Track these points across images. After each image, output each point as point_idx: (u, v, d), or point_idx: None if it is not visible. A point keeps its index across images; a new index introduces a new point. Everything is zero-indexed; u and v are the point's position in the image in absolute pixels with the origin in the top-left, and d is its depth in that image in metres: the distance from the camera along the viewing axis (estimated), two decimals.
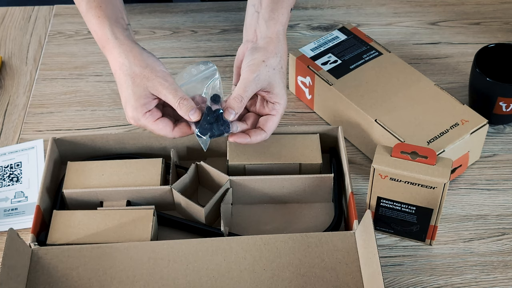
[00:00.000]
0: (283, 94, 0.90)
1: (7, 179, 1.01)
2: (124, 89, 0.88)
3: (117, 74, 0.89)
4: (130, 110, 0.87)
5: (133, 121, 0.89)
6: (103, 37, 0.91)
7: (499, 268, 0.89)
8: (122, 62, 0.88)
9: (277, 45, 0.91)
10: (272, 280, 0.83)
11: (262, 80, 0.88)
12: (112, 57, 0.90)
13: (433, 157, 0.83)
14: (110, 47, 0.90)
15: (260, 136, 0.89)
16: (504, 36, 1.22)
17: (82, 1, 0.93)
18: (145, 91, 0.86)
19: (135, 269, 0.84)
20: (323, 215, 0.95)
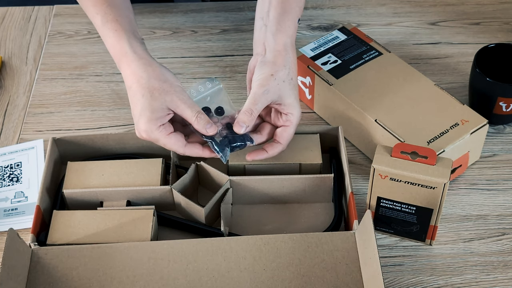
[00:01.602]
0: (296, 104, 0.91)
1: (7, 179, 1.01)
2: (140, 102, 0.87)
3: (134, 87, 0.88)
4: (144, 122, 0.86)
5: (145, 134, 0.87)
6: (120, 50, 0.90)
7: (499, 268, 0.89)
8: (140, 75, 0.88)
9: (285, 57, 0.92)
10: (272, 280, 0.83)
11: (272, 93, 0.89)
12: (129, 70, 0.89)
13: (433, 157, 0.83)
14: (128, 61, 0.90)
15: (278, 149, 0.91)
16: (504, 36, 1.22)
17: (97, 15, 0.93)
18: (162, 105, 0.87)
19: (135, 269, 0.84)
20: (323, 215, 0.95)
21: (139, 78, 0.88)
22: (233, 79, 1.15)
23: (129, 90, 0.89)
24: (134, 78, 0.88)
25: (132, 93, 0.89)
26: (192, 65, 1.19)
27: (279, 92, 0.90)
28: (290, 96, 0.90)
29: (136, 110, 0.88)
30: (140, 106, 0.87)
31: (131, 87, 0.89)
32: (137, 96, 0.87)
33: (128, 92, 0.90)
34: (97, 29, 0.94)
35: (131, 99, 0.89)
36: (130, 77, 0.89)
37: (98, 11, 0.93)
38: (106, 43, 0.93)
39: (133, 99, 0.88)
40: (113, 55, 0.92)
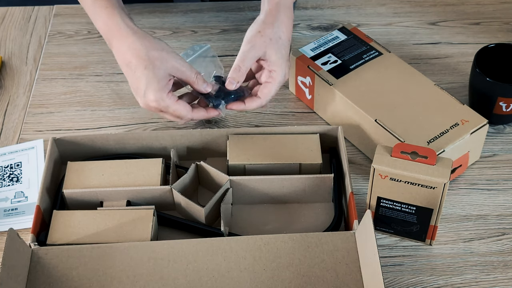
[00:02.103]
0: (280, 63, 0.95)
1: (7, 179, 1.01)
2: (144, 74, 0.90)
3: (134, 61, 0.90)
4: (153, 92, 0.90)
5: (155, 103, 0.91)
6: (114, 27, 0.92)
7: (499, 268, 0.89)
8: (138, 49, 0.90)
9: (276, 16, 0.95)
10: (272, 280, 0.83)
11: (257, 49, 0.94)
12: (126, 46, 0.91)
13: (433, 157, 0.83)
14: (123, 36, 0.92)
15: (255, 103, 0.96)
16: (504, 36, 1.22)
17: None
18: (165, 73, 0.91)
19: (135, 269, 0.84)
20: (323, 215, 0.95)
21: (138, 51, 0.90)
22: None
23: (127, 66, 0.91)
24: (132, 52, 0.91)
25: (132, 68, 0.91)
26: None
27: (264, 48, 0.94)
28: (276, 53, 0.95)
29: (140, 83, 0.90)
30: (145, 79, 0.90)
31: (130, 62, 0.91)
32: (140, 69, 0.90)
33: (126, 68, 0.91)
34: (87, 10, 0.96)
35: (131, 74, 0.91)
36: (128, 52, 0.91)
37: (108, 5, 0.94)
38: (97, 22, 0.95)
39: (134, 73, 0.90)
40: (104, 33, 0.94)
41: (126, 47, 0.91)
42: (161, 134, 0.98)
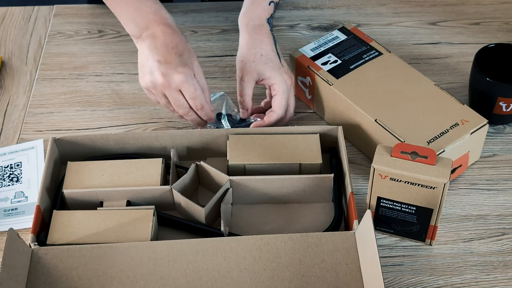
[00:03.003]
0: (274, 74, 1.00)
1: (7, 179, 1.01)
2: (189, 55, 0.95)
3: (180, 45, 0.95)
4: (196, 62, 0.96)
5: (182, 76, 0.93)
6: (161, 19, 0.97)
7: (499, 268, 0.89)
8: (185, 40, 0.97)
9: (248, 39, 1.02)
10: (272, 280, 0.83)
11: (248, 75, 1.00)
12: (175, 36, 0.96)
13: (433, 157, 0.83)
14: (172, 29, 0.97)
15: (272, 117, 1.01)
16: (504, 36, 1.22)
17: None
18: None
19: (135, 269, 0.84)
20: (323, 215, 0.95)
21: (180, 39, 0.96)
22: (233, 79, 1.15)
23: (168, 45, 0.95)
24: (174, 37, 0.96)
25: (176, 47, 0.95)
26: None
27: (254, 71, 1.00)
28: (266, 69, 1.00)
29: (187, 60, 0.95)
30: (192, 60, 0.96)
31: (172, 42, 0.95)
32: (186, 50, 0.96)
33: (167, 46, 0.94)
34: (127, 3, 0.98)
35: (174, 51, 0.94)
36: (171, 35, 0.96)
37: None
38: (141, 13, 0.97)
39: (179, 51, 0.95)
40: (147, 22, 0.97)
41: (170, 33, 0.96)
42: (161, 134, 0.98)
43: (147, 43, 0.96)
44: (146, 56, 0.95)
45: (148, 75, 0.95)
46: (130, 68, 1.18)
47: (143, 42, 0.97)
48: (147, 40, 0.96)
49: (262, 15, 1.03)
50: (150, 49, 0.95)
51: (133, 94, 1.14)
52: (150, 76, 0.94)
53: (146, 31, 0.96)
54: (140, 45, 0.98)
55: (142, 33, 0.97)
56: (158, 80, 0.94)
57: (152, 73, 0.94)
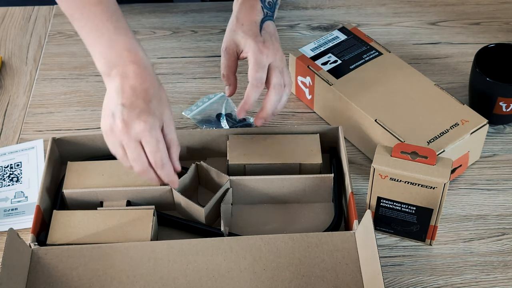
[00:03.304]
0: (245, 41, 0.95)
1: (7, 179, 1.01)
2: (159, 103, 0.84)
3: (150, 90, 0.84)
4: (168, 109, 0.86)
5: (145, 125, 0.82)
6: (135, 56, 0.86)
7: (499, 268, 0.89)
8: (158, 84, 0.86)
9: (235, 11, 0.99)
10: (272, 280, 0.83)
11: (228, 46, 0.96)
12: (146, 78, 0.85)
13: (433, 157, 0.83)
14: (145, 69, 0.86)
15: (253, 91, 0.93)
16: (504, 36, 1.22)
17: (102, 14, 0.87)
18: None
19: (135, 269, 0.84)
20: (323, 215, 0.95)
21: (152, 82, 0.85)
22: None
23: (136, 87, 0.83)
24: (146, 78, 0.85)
25: (145, 91, 0.84)
26: (192, 65, 1.19)
27: (232, 41, 0.96)
28: (241, 38, 0.95)
29: (155, 108, 0.83)
30: (162, 110, 0.84)
31: (142, 84, 0.84)
32: (157, 96, 0.84)
33: (135, 89, 0.83)
34: (101, 36, 0.87)
35: (142, 95, 0.83)
36: (142, 77, 0.85)
37: (108, 18, 0.87)
38: (113, 48, 0.86)
39: (148, 96, 0.83)
40: (119, 58, 0.86)
41: (142, 75, 0.85)
42: None
43: (115, 83, 0.84)
44: (111, 97, 0.84)
45: (108, 118, 0.83)
46: None
47: (111, 81, 0.85)
48: (115, 79, 0.84)
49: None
50: (117, 91, 0.83)
51: None
52: (110, 120, 0.83)
53: (116, 69, 0.85)
54: (108, 84, 0.86)
55: (112, 71, 0.85)
56: (117, 125, 0.82)
57: (114, 116, 0.82)
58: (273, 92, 0.93)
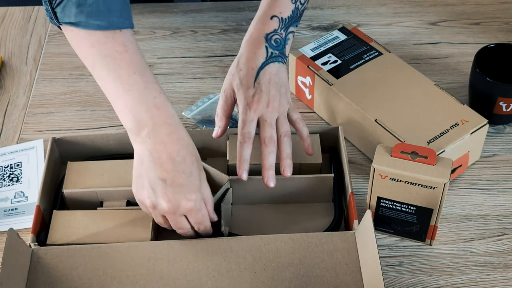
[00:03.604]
0: (237, 91, 0.93)
1: (7, 179, 1.01)
2: (197, 167, 0.82)
3: (182, 153, 0.81)
4: (207, 189, 0.85)
5: (197, 203, 0.82)
6: (166, 114, 0.81)
7: (499, 268, 0.89)
8: (192, 144, 0.83)
9: (240, 52, 0.95)
10: (272, 280, 0.83)
11: (226, 88, 0.94)
12: (175, 136, 0.81)
13: (433, 157, 0.83)
14: (177, 129, 0.81)
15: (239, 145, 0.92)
16: (504, 36, 1.22)
17: (135, 75, 0.80)
18: None
19: (135, 269, 0.84)
20: (323, 215, 0.95)
21: (193, 148, 0.83)
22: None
23: (171, 158, 0.80)
24: (182, 144, 0.81)
25: (178, 160, 0.80)
26: (192, 65, 1.19)
27: (230, 85, 0.94)
28: (236, 85, 0.93)
29: (192, 175, 0.81)
30: (198, 171, 0.83)
31: (179, 152, 0.80)
32: (192, 162, 0.82)
33: (168, 159, 0.80)
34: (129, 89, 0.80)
35: (174, 166, 0.80)
36: (177, 143, 0.81)
37: (136, 71, 0.80)
38: (143, 105, 0.80)
39: (180, 165, 0.80)
40: (149, 117, 0.80)
41: (176, 137, 0.81)
42: None
43: (147, 148, 0.80)
44: (147, 165, 0.80)
45: (148, 192, 0.81)
46: None
47: (142, 144, 0.81)
48: (148, 142, 0.80)
49: (261, 29, 0.95)
50: (153, 158, 0.80)
51: None
52: (150, 195, 0.81)
53: (147, 129, 0.80)
54: (139, 146, 0.81)
55: (142, 131, 0.80)
56: (162, 205, 0.81)
57: (155, 193, 0.81)
58: (264, 148, 0.90)
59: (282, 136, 0.92)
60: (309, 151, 0.94)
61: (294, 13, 0.96)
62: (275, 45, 0.94)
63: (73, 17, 0.79)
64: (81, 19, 0.79)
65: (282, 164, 0.91)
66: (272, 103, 0.91)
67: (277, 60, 0.94)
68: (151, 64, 1.19)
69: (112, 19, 0.79)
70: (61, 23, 0.81)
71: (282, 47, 0.95)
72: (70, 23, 0.80)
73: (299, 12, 0.97)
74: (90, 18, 0.78)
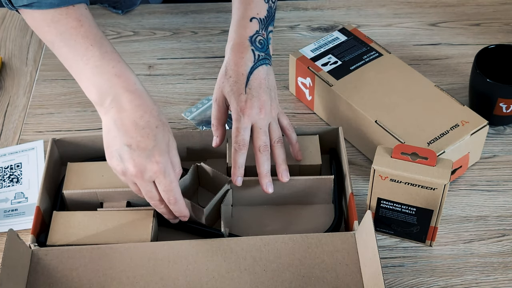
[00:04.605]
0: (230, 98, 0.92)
1: (7, 180, 1.01)
2: (163, 131, 0.83)
3: (145, 117, 0.82)
4: (174, 151, 0.84)
5: (164, 166, 0.82)
6: (127, 82, 0.83)
7: (499, 269, 0.89)
8: (156, 109, 0.83)
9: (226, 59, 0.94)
10: (272, 281, 0.83)
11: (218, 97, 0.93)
12: (140, 101, 0.82)
13: (433, 158, 0.83)
14: (139, 95, 0.83)
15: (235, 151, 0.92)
16: (504, 37, 1.22)
17: (92, 46, 0.82)
18: None
19: (135, 270, 0.84)
20: (323, 216, 0.95)
21: (151, 110, 0.83)
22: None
23: (135, 123, 0.81)
24: (146, 110, 0.82)
25: (142, 124, 0.82)
26: (192, 66, 1.19)
27: (221, 93, 0.93)
28: (228, 92, 0.92)
29: (162, 142, 0.82)
30: (165, 135, 0.83)
31: (142, 117, 0.82)
32: (160, 128, 0.82)
33: (132, 125, 0.81)
34: (87, 63, 0.82)
35: (138, 130, 0.81)
36: (140, 108, 0.82)
37: (92, 43, 0.83)
38: (103, 75, 0.82)
39: (144, 129, 0.82)
40: (110, 86, 0.82)
41: (140, 102, 0.82)
42: None
43: (112, 116, 0.82)
44: (113, 134, 0.82)
45: (117, 160, 0.82)
46: None
47: (107, 114, 0.82)
48: (111, 111, 0.82)
49: (243, 33, 0.94)
50: (117, 127, 0.81)
51: None
52: (119, 162, 0.82)
53: (109, 98, 0.82)
54: (104, 116, 0.83)
55: (105, 101, 0.82)
56: (130, 170, 0.81)
57: (122, 159, 0.82)
58: (259, 155, 0.91)
59: (275, 143, 0.92)
60: (298, 157, 0.95)
61: (269, 12, 0.97)
62: (260, 47, 0.95)
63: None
64: (33, 0, 0.80)
65: (278, 170, 0.92)
66: (264, 109, 0.92)
67: (264, 63, 0.94)
68: (151, 65, 1.19)
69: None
70: (16, 6, 0.83)
71: (267, 47, 0.96)
72: (24, 6, 0.82)
73: (272, 10, 0.98)
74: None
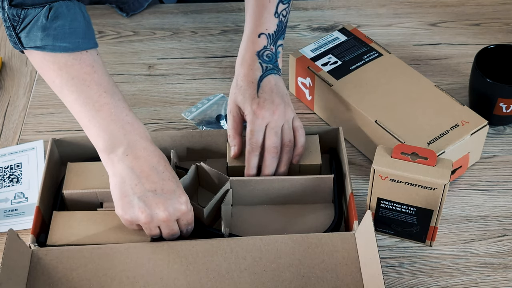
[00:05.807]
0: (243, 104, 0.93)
1: (7, 180, 1.01)
2: (174, 177, 0.85)
3: (162, 162, 0.84)
4: (184, 196, 0.85)
5: (184, 208, 0.84)
6: (139, 130, 0.84)
7: (499, 269, 0.89)
8: (162, 152, 0.86)
9: (236, 72, 0.96)
10: (272, 281, 0.83)
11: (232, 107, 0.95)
12: (156, 151, 0.85)
13: (433, 158, 0.83)
14: (150, 141, 0.85)
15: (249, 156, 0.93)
16: (504, 37, 1.22)
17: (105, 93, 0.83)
18: None
19: (135, 270, 0.84)
20: (323, 216, 0.95)
21: (161, 154, 0.85)
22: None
23: (152, 168, 0.83)
24: (160, 154, 0.85)
25: (160, 169, 0.84)
26: (192, 66, 1.19)
27: (234, 103, 0.94)
28: (241, 100, 0.93)
29: (172, 184, 0.84)
30: (176, 181, 0.84)
31: (159, 162, 0.84)
32: (169, 171, 0.85)
33: (150, 169, 0.83)
34: (99, 109, 0.83)
35: (157, 175, 0.83)
36: (154, 153, 0.84)
37: (106, 90, 0.83)
38: (117, 122, 0.83)
39: (163, 174, 0.84)
40: (124, 134, 0.83)
41: (152, 150, 0.84)
42: (161, 135, 0.98)
43: (128, 165, 0.82)
44: (131, 183, 0.82)
45: (140, 208, 0.82)
46: (130, 69, 1.18)
47: (121, 162, 0.82)
48: (127, 159, 0.82)
49: (251, 48, 0.96)
50: (135, 173, 0.82)
51: (133, 95, 1.14)
52: (144, 209, 0.82)
53: (122, 147, 0.82)
54: (117, 165, 0.83)
55: (117, 149, 0.82)
56: (159, 215, 0.82)
57: (148, 206, 0.82)
58: (268, 156, 0.92)
59: (284, 146, 0.94)
60: (294, 160, 0.95)
61: (279, 27, 0.97)
62: (268, 60, 0.96)
63: (39, 41, 0.80)
64: (47, 43, 0.80)
65: (277, 172, 0.94)
66: (278, 110, 0.93)
67: (272, 72, 0.95)
68: (151, 65, 1.19)
69: (77, 41, 0.81)
70: (26, 47, 0.82)
71: (275, 60, 0.97)
72: (36, 47, 0.81)
73: (283, 24, 0.98)
74: (57, 41, 0.79)
